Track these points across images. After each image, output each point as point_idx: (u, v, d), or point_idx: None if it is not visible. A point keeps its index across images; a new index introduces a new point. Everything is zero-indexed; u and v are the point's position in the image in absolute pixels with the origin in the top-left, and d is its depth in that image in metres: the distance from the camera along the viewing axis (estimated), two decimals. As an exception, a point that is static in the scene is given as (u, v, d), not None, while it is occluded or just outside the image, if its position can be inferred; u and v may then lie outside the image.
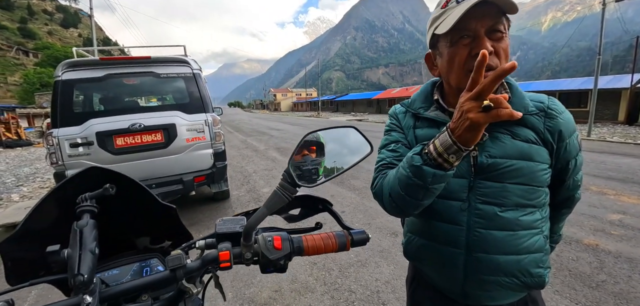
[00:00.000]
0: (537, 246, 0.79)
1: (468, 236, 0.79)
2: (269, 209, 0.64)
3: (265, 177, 6.43)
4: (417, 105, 0.91)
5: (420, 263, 0.94)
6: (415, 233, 0.92)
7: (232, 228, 0.68)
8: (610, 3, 15.16)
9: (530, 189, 0.77)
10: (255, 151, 10.33)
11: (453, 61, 0.75)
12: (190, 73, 3.94)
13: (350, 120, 29.45)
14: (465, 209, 0.79)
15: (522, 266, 0.78)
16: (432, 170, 0.65)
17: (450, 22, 0.70)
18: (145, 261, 0.79)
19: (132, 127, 3.53)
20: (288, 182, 0.63)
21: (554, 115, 0.79)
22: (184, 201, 4.79)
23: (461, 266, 0.81)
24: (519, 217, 0.77)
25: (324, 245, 0.71)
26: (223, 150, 4.17)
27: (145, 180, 3.66)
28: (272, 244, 0.66)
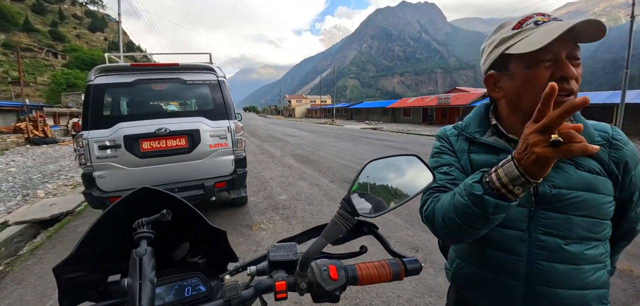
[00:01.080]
0: (602, 282, 0.77)
1: (528, 268, 0.76)
2: (328, 239, 0.61)
3: (283, 184, 6.45)
4: (472, 129, 0.89)
5: (471, 293, 0.90)
6: (466, 260, 0.89)
7: (286, 256, 0.66)
8: (638, 15, 14.64)
9: (595, 222, 0.75)
10: (272, 157, 10.41)
11: (531, 84, 0.72)
12: (216, 80, 4.03)
13: (365, 128, 29.33)
14: (525, 239, 0.76)
15: (586, 302, 0.75)
16: (494, 200, 0.62)
17: (537, 42, 0.67)
18: (185, 280, 0.76)
19: (158, 131, 3.63)
20: (348, 211, 0.60)
21: (620, 146, 0.77)
22: (201, 206, 4.87)
23: (519, 299, 0.78)
24: (583, 250, 0.74)
25: (378, 274, 0.68)
26: (244, 157, 4.22)
27: (168, 183, 3.74)
28: (327, 274, 0.64)
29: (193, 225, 0.77)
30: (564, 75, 0.68)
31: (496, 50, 0.79)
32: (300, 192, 5.83)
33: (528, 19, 0.74)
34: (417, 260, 0.73)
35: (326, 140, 16.44)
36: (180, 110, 4.37)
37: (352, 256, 0.80)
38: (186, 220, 0.75)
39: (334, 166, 8.49)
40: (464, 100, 32.63)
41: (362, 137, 18.88)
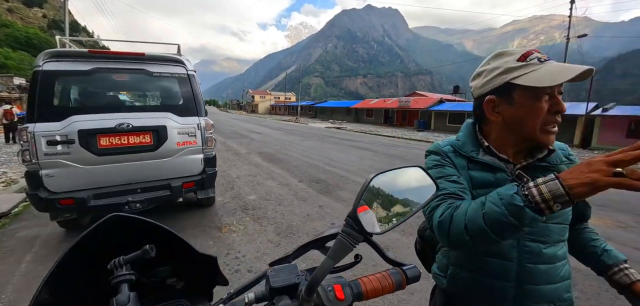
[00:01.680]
0: (568, 274, 0.92)
1: (519, 270, 0.87)
2: (335, 260, 0.58)
3: (251, 184, 6.31)
4: (468, 149, 0.97)
5: (467, 296, 0.97)
6: (463, 267, 0.95)
7: (289, 281, 0.62)
8: (573, 38, 16.59)
9: (564, 227, 0.91)
10: (237, 155, 10.12)
11: (535, 114, 0.84)
12: (185, 74, 3.81)
13: (330, 127, 29.68)
14: (515, 246, 0.87)
15: (559, 293, 0.89)
16: (532, 213, 0.65)
17: (549, 80, 0.79)
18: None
19: (119, 126, 3.34)
20: (354, 229, 0.57)
21: (574, 160, 0.96)
22: (164, 206, 4.58)
23: (511, 298, 0.88)
24: (557, 251, 0.89)
25: (382, 287, 0.67)
26: (214, 156, 4.06)
27: (130, 184, 3.47)
28: (334, 295, 0.61)
29: (178, 254, 0.67)
30: (559, 109, 0.84)
31: (500, 77, 0.87)
32: (270, 192, 5.75)
33: (530, 54, 0.84)
34: (415, 267, 0.73)
35: (292, 138, 16.35)
36: (145, 105, 4.05)
37: (349, 268, 0.78)
38: (170, 248, 0.65)
39: (302, 165, 8.48)
40: (423, 104, 34.44)
41: (328, 136, 19.08)
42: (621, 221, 5.06)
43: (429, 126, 32.10)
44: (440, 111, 31.77)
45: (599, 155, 0.59)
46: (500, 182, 0.88)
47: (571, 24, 17.30)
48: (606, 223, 4.94)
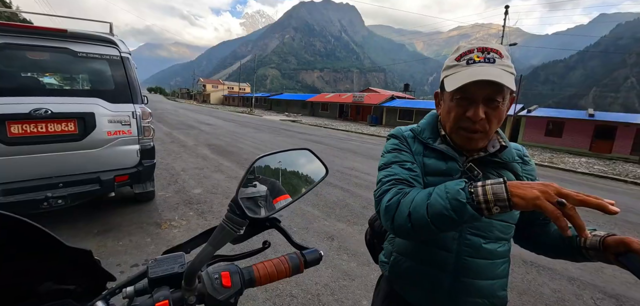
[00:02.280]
0: (505, 273, 0.93)
1: (456, 262, 0.88)
2: (215, 247, 0.57)
3: (197, 177, 6.02)
4: (426, 135, 0.97)
5: (405, 283, 0.99)
6: (405, 255, 0.98)
7: (169, 270, 0.58)
8: (505, 45, 18.55)
9: (508, 226, 0.91)
10: (183, 147, 9.56)
11: (449, 114, 0.87)
12: (118, 56, 3.47)
13: (285, 120, 29.44)
14: (456, 238, 0.88)
15: (494, 290, 0.91)
16: (472, 211, 0.65)
17: (454, 84, 0.80)
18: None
19: (36, 112, 2.94)
20: (236, 214, 0.56)
21: (528, 161, 0.97)
22: (95, 202, 4.18)
23: (446, 289, 0.90)
24: (497, 248, 0.90)
25: (277, 272, 0.66)
26: (152, 147, 3.78)
27: (50, 178, 3.09)
28: (219, 282, 0.58)
29: (47, 249, 0.59)
30: (470, 116, 0.81)
31: (442, 73, 0.91)
32: (217, 185, 5.55)
33: (467, 54, 0.83)
34: (316, 250, 0.74)
35: (245, 131, 15.91)
36: (68, 88, 3.61)
37: (256, 254, 0.77)
38: (36, 244, 0.57)
39: (254, 158, 8.30)
40: (376, 100, 35.80)
41: (282, 129, 18.92)
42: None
43: (381, 121, 33.49)
44: (391, 107, 33.30)
45: (554, 183, 0.60)
46: (451, 171, 0.89)
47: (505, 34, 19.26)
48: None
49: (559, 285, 3.10)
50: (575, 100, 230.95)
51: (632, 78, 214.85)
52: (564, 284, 3.12)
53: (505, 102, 0.82)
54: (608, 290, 3.07)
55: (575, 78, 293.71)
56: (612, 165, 15.60)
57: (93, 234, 3.38)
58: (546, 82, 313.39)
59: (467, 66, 0.80)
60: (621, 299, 2.94)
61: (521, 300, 2.78)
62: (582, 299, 2.89)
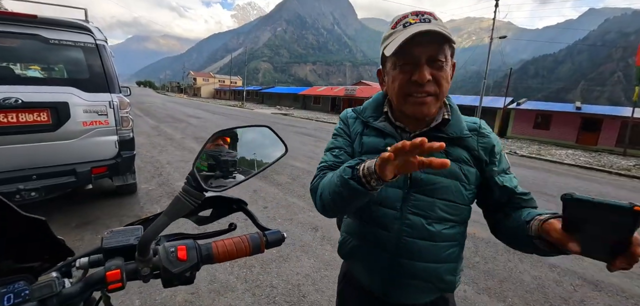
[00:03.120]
0: (453, 257, 0.88)
1: (396, 242, 0.85)
2: (170, 217, 0.57)
3: (182, 170, 5.91)
4: (367, 114, 0.95)
5: (352, 262, 1.00)
6: (351, 235, 0.97)
7: (123, 241, 0.58)
8: (495, 38, 18.64)
9: (455, 206, 0.85)
10: (170, 140, 9.38)
11: (394, 83, 0.82)
12: (92, 43, 3.34)
13: (276, 113, 29.24)
14: (398, 218, 0.85)
15: (438, 273, 0.86)
16: (356, 185, 0.67)
17: (394, 46, 0.75)
18: (6, 286, 0.57)
19: (5, 102, 2.81)
20: (192, 185, 0.57)
21: (485, 134, 0.89)
22: (74, 195, 4.06)
23: (386, 268, 0.88)
24: (442, 229, 0.85)
25: (236, 250, 0.67)
26: (131, 138, 3.67)
27: (22, 170, 2.97)
28: (175, 255, 0.58)
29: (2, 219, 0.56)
30: (415, 79, 0.77)
31: (380, 48, 0.86)
32: (203, 178, 5.45)
33: (402, 20, 0.80)
34: (279, 231, 0.74)
35: (235, 123, 15.73)
36: (40, 76, 3.47)
37: (221, 235, 0.76)
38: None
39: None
40: (368, 93, 35.79)
41: (273, 122, 18.78)
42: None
43: (373, 114, 33.51)
44: (383, 100, 33.32)
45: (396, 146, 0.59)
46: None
47: (497, 27, 19.35)
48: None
49: (539, 272, 3.14)
50: (564, 94, 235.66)
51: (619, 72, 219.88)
52: (545, 271, 3.16)
53: (448, 62, 0.79)
54: (587, 276, 3.12)
55: (564, 72, 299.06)
56: (598, 156, 15.95)
57: (71, 227, 3.28)
58: (536, 76, 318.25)
59: (404, 29, 0.77)
60: (600, 285, 2.99)
61: (502, 287, 2.81)
62: (562, 285, 2.93)
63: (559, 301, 2.68)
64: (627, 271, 3.30)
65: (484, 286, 2.80)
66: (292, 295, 2.44)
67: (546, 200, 5.93)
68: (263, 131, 0.78)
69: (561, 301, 2.68)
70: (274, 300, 2.36)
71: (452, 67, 0.84)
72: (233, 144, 0.70)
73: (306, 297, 2.42)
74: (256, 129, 0.78)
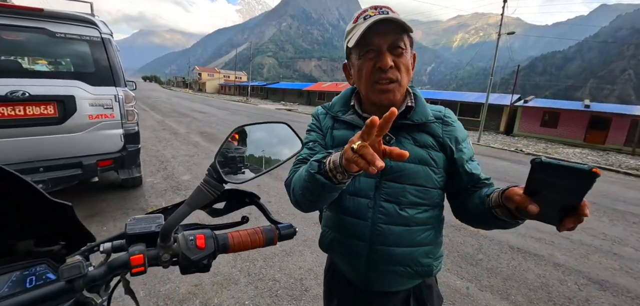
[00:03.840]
0: (428, 240, 0.90)
1: (371, 230, 0.87)
2: (191, 207, 0.59)
3: (187, 164, 5.95)
4: (336, 109, 0.98)
5: (333, 255, 1.02)
6: (330, 227, 0.98)
7: (146, 228, 0.61)
8: (503, 35, 18.37)
9: (425, 190, 0.88)
10: (175, 134, 9.45)
11: (361, 73, 0.85)
12: (98, 37, 3.36)
13: (280, 108, 29.26)
14: (371, 206, 0.87)
15: (414, 257, 0.89)
16: (323, 179, 0.67)
17: (356, 36, 0.79)
18: (28, 269, 0.61)
19: (12, 94, 2.85)
20: (214, 177, 0.59)
21: (450, 122, 0.92)
22: (81, 188, 4.11)
23: (364, 257, 0.89)
24: (415, 214, 0.87)
25: (251, 241, 0.69)
26: (136, 132, 3.70)
27: (30, 162, 3.02)
28: (194, 244, 0.61)
29: (29, 203, 0.61)
30: (380, 66, 0.80)
31: (344, 43, 0.89)
32: (207, 172, 5.49)
33: (362, 13, 0.84)
34: (291, 225, 0.77)
35: (239, 119, 15.79)
36: (47, 70, 3.51)
37: (234, 227, 0.79)
38: (17, 197, 0.59)
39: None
40: (372, 89, 35.60)
41: (278, 118, 18.79)
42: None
43: (378, 111, 33.40)
44: (388, 97, 33.15)
45: (356, 136, 0.59)
46: None
47: (506, 23, 19.04)
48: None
49: (544, 270, 3.12)
50: (572, 92, 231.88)
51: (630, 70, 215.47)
52: (549, 270, 3.14)
53: (407, 50, 0.83)
54: (592, 276, 3.09)
55: (573, 69, 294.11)
56: (606, 155, 15.73)
57: (76, 219, 3.32)
58: (544, 73, 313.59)
59: (365, 21, 0.81)
60: (605, 285, 2.96)
61: (505, 285, 2.79)
62: (566, 284, 2.90)
63: (563, 300, 2.66)
64: (634, 272, 3.26)
65: (487, 283, 2.79)
66: (295, 288, 2.45)
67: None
68: (281, 127, 0.81)
69: (565, 300, 2.66)
70: (276, 294, 2.38)
71: (413, 58, 0.88)
72: (252, 139, 0.73)
73: (308, 291, 2.44)
74: (274, 125, 0.81)
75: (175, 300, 2.21)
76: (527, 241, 3.76)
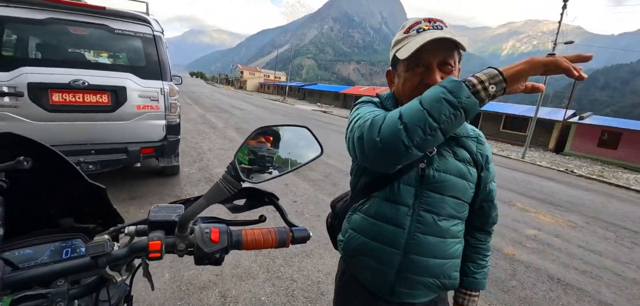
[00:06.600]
0: (458, 253, 0.94)
1: (408, 239, 0.87)
2: (209, 201, 0.62)
3: (221, 157, 6.24)
4: (390, 104, 0.95)
5: (356, 260, 0.98)
6: (359, 232, 0.96)
7: (166, 217, 0.64)
8: (560, 44, 16.94)
9: (461, 203, 0.91)
10: (213, 128, 9.95)
11: (406, 85, 0.86)
12: (150, 34, 3.66)
13: (316, 110, 29.55)
14: (410, 215, 0.87)
15: (446, 269, 0.90)
16: (469, 92, 0.64)
17: (408, 51, 0.79)
18: (66, 242, 0.72)
19: (74, 83, 3.20)
20: (232, 175, 0.61)
21: (483, 142, 0.97)
22: (125, 172, 4.49)
23: (396, 266, 0.89)
24: (450, 226, 0.89)
25: (264, 240, 0.71)
26: (177, 123, 3.96)
27: (84, 144, 3.35)
28: (208, 237, 0.64)
29: (70, 183, 0.71)
30: (427, 82, 0.80)
31: (392, 50, 0.90)
32: (239, 167, 5.71)
33: (415, 25, 0.84)
34: (305, 229, 0.77)
35: (274, 117, 16.21)
36: (104, 62, 3.88)
37: (251, 224, 0.82)
38: (61, 176, 0.69)
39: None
40: (410, 95, 34.63)
41: (312, 119, 19.01)
42: (573, 221, 5.35)
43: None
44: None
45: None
46: None
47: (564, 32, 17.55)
48: (559, 222, 5.21)
49: (586, 307, 2.82)
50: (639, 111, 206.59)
51: None
52: (593, 307, 2.83)
53: (456, 67, 0.84)
54: (646, 320, 2.73)
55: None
56: (677, 185, 13.79)
57: (120, 200, 3.64)
58: (606, 88, 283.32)
59: (418, 34, 0.81)
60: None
61: (538, 316, 2.56)
62: (612, 326, 2.60)
63: (606, 342, 2.38)
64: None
65: (517, 312, 2.58)
66: (311, 291, 2.47)
67: (600, 227, 5.30)
68: (302, 131, 0.81)
69: (609, 343, 2.38)
70: (292, 294, 2.41)
71: (458, 73, 0.88)
72: (273, 141, 0.74)
73: (324, 295, 2.43)
74: (295, 129, 0.82)
75: (196, 286, 2.33)
76: (570, 272, 3.42)
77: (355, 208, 1.00)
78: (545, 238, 4.36)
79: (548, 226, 4.92)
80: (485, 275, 1.05)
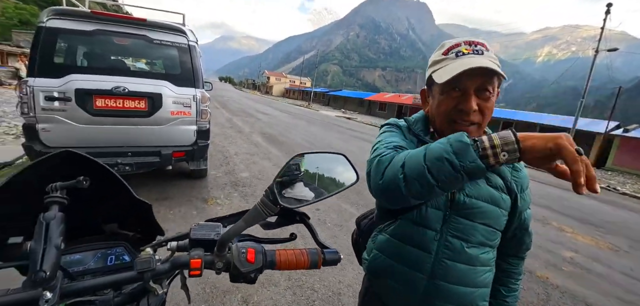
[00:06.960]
0: (487, 282, 0.90)
1: (434, 264, 0.85)
2: (248, 223, 0.64)
3: (246, 162, 6.40)
4: (418, 128, 0.95)
5: (380, 281, 0.98)
6: (384, 253, 0.95)
7: (206, 235, 0.68)
8: (603, 50, 15.84)
9: (492, 231, 0.87)
10: (240, 132, 10.23)
11: (440, 108, 0.85)
12: (186, 44, 3.86)
13: (340, 116, 29.55)
14: (437, 239, 0.85)
15: (473, 298, 0.87)
16: (475, 155, 0.60)
17: (446, 76, 0.78)
18: (110, 249, 0.76)
19: (116, 89, 3.43)
20: (270, 199, 0.62)
21: (519, 168, 0.92)
22: (157, 173, 4.72)
23: (421, 290, 0.87)
24: (480, 254, 0.86)
25: (296, 261, 0.72)
26: (207, 129, 4.12)
27: (121, 147, 3.58)
28: (245, 257, 0.66)
29: (118, 195, 0.76)
30: (462, 108, 0.79)
31: (428, 70, 0.89)
32: (263, 171, 5.83)
33: (454, 47, 0.82)
34: (337, 252, 0.78)
35: (298, 123, 16.40)
36: (143, 70, 4.14)
37: (282, 242, 0.85)
38: (111, 189, 0.74)
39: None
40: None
41: (335, 125, 19.04)
42: (615, 245, 4.94)
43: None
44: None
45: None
46: None
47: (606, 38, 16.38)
48: (599, 244, 4.84)
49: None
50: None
51: None
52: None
53: (494, 94, 0.81)
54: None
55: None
56: None
57: (152, 200, 3.78)
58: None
59: (457, 58, 0.80)
60: None
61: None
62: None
63: None
64: None
65: (551, 341, 2.42)
66: (331, 302, 2.46)
67: (653, 255, 4.84)
68: (340, 158, 0.83)
69: None
70: (313, 303, 2.41)
71: (496, 95, 0.84)
72: (310, 166, 0.76)
73: (345, 307, 2.42)
74: (334, 156, 0.83)
75: (220, 289, 2.40)
76: (611, 301, 3.16)
77: (381, 228, 0.99)
78: (584, 261, 4.06)
79: (587, 248, 4.58)
80: (517, 298, 1.02)
